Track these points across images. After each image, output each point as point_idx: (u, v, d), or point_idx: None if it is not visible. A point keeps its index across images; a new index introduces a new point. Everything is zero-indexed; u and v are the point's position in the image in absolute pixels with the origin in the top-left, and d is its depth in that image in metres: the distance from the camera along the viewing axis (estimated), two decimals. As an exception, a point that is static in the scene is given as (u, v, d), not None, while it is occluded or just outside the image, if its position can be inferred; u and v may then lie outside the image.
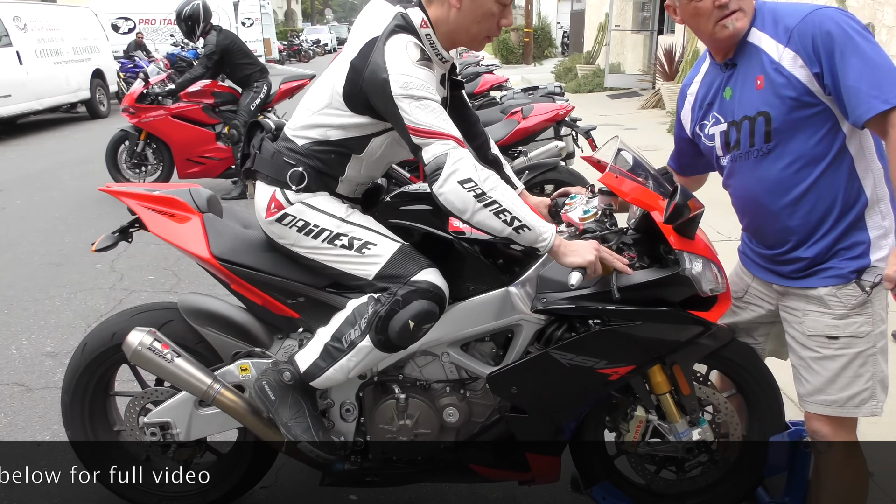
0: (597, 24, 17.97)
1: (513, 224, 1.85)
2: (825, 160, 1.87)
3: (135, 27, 22.13)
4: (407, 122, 1.84)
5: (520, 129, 5.19)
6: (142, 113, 6.86)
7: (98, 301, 4.50)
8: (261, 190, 2.09)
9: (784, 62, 1.83)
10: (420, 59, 1.87)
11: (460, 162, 1.83)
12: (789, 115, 1.85)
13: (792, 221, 1.94)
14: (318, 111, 2.03)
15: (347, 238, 2.01)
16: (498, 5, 1.95)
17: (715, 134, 2.04)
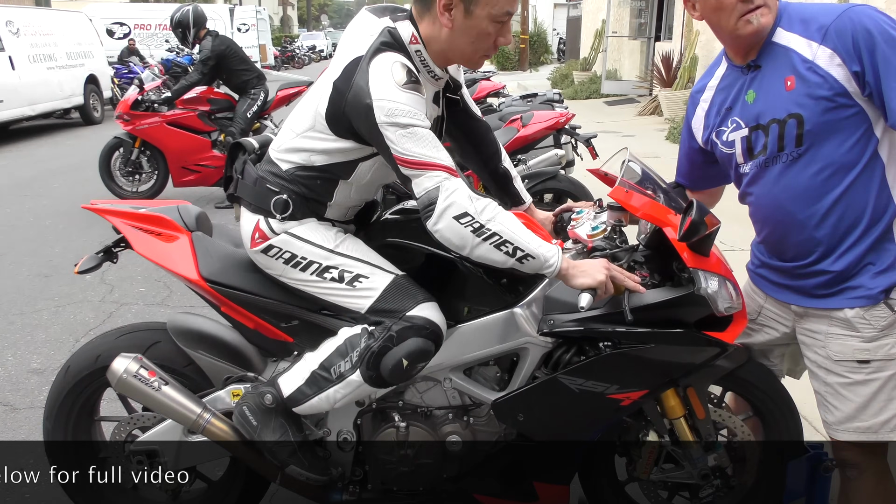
0: (593, 30, 17.94)
1: (515, 255, 1.75)
2: (857, 167, 1.77)
3: (129, 33, 22.05)
4: (394, 151, 1.72)
5: (519, 138, 5.10)
6: (136, 120, 6.74)
7: (87, 314, 4.39)
8: (245, 217, 1.98)
9: (819, 61, 1.73)
10: (406, 83, 1.72)
11: (454, 195, 1.72)
12: (823, 117, 1.75)
13: (819, 231, 1.83)
14: (300, 134, 1.90)
15: (337, 271, 1.90)
16: (494, 24, 1.79)
17: (735, 140, 1.93)
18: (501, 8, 1.77)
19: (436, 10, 1.78)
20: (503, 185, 2.28)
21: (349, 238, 1.98)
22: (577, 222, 2.07)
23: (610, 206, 1.96)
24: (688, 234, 1.72)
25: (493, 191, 2.30)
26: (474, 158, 2.26)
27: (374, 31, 1.81)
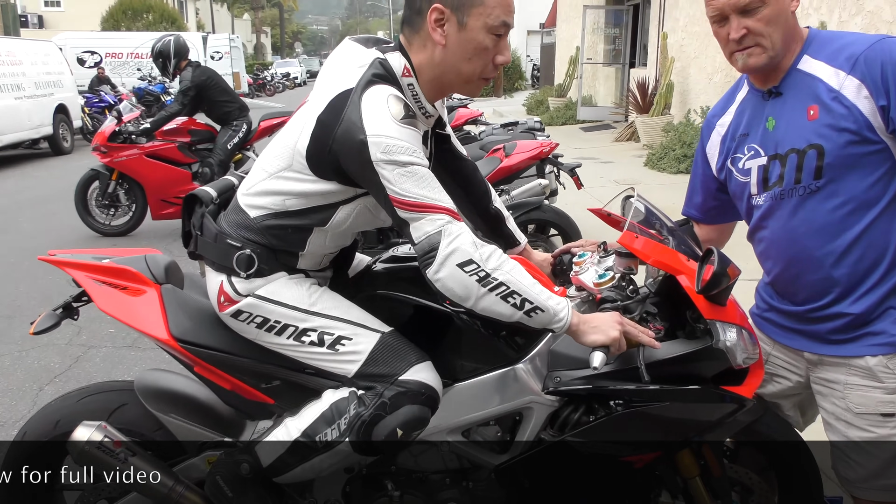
0: (567, 56, 18.03)
1: (524, 307, 1.58)
2: (879, 205, 1.66)
3: (101, 61, 21.77)
4: (391, 192, 1.56)
5: (503, 168, 4.99)
6: (114, 152, 6.53)
7: (52, 359, 4.15)
8: (209, 276, 1.81)
9: (846, 91, 1.62)
10: (404, 118, 1.56)
11: (457, 240, 1.55)
12: (845, 150, 1.63)
13: (837, 270, 1.71)
14: (274, 174, 1.72)
15: (316, 333, 1.72)
16: (491, 37, 1.63)
17: (752, 168, 1.80)
18: (497, 17, 1.62)
19: (426, 28, 1.63)
20: (496, 227, 2.14)
21: (326, 293, 1.80)
22: (579, 267, 1.92)
23: (618, 252, 1.82)
24: (709, 286, 1.58)
25: (485, 233, 2.15)
26: (463, 201, 2.10)
27: (363, 63, 1.65)
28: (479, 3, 1.61)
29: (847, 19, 7.06)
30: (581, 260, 1.95)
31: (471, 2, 1.60)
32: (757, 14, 1.62)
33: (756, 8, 1.62)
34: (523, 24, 32.95)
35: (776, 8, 1.63)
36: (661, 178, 8.89)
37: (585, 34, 15.29)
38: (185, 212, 1.90)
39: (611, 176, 9.01)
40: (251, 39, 58.18)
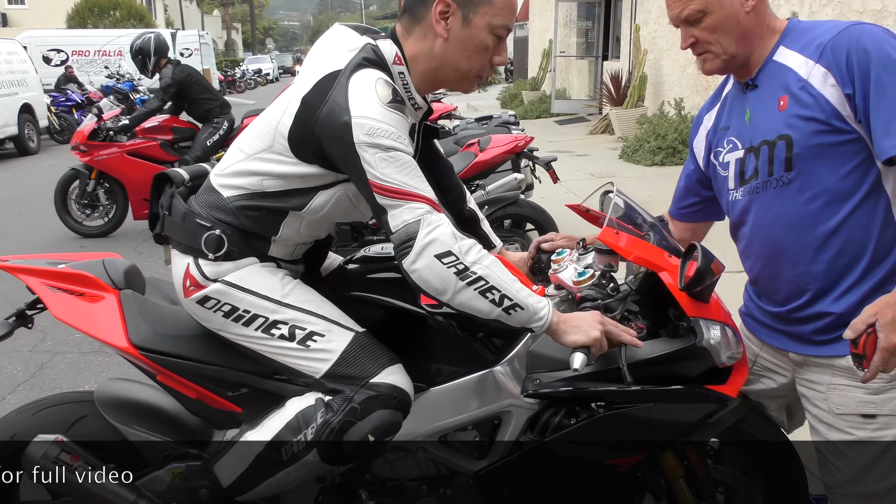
0: (540, 50, 18.01)
1: (502, 304, 1.52)
2: (855, 197, 1.60)
3: (67, 59, 21.37)
4: (371, 176, 1.49)
5: (478, 163, 4.91)
6: (94, 151, 6.35)
7: (16, 367, 4.01)
8: (175, 260, 1.71)
9: (813, 80, 1.57)
10: (391, 101, 1.51)
11: (437, 230, 1.49)
12: (813, 139, 1.58)
13: (814, 266, 1.66)
14: (253, 155, 1.65)
15: (287, 327, 1.64)
16: (492, 38, 1.61)
17: (730, 162, 1.76)
18: (502, 19, 1.61)
19: (430, 19, 1.59)
20: (470, 229, 2.06)
21: (299, 286, 1.72)
22: (558, 265, 1.86)
23: (597, 249, 1.75)
24: (692, 283, 1.53)
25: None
26: (440, 200, 2.04)
27: (353, 47, 1.60)
28: (487, 3, 1.59)
29: (818, 10, 7.08)
30: (560, 258, 1.89)
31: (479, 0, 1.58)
32: (701, 24, 1.63)
33: (698, 18, 1.63)
34: (496, 19, 32.92)
35: (720, 16, 1.62)
36: (636, 170, 8.88)
37: (558, 27, 15.28)
38: (154, 193, 1.81)
39: (586, 169, 8.98)
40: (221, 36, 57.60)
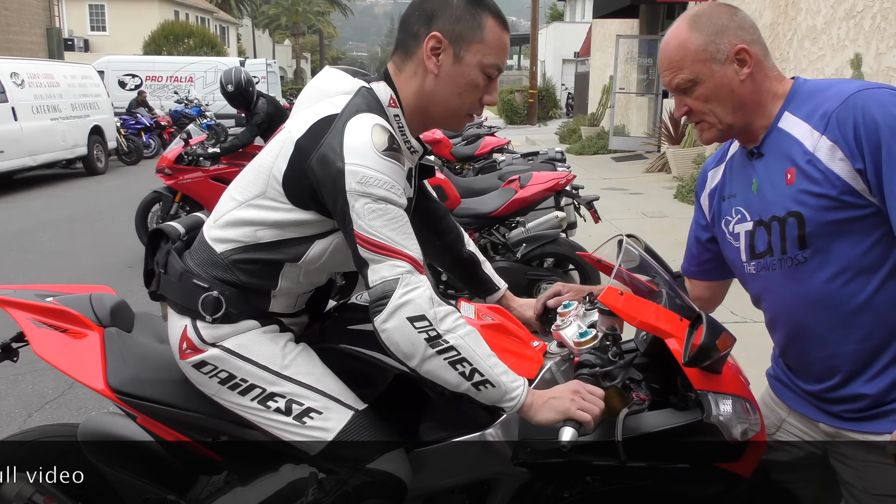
0: (601, 86, 17.89)
1: (472, 378, 1.44)
2: (881, 272, 1.45)
3: (141, 84, 22.23)
4: (357, 227, 1.43)
5: (517, 199, 4.81)
6: (179, 174, 6.52)
7: (47, 385, 4.05)
8: (172, 320, 1.65)
9: (820, 154, 1.43)
10: (387, 149, 1.46)
11: (413, 292, 1.42)
12: (826, 217, 1.44)
13: (843, 347, 1.51)
14: (247, 202, 1.59)
15: (284, 401, 1.56)
16: (483, 77, 1.57)
17: (740, 233, 1.63)
18: (493, 59, 1.57)
19: (421, 54, 1.55)
20: (471, 272, 1.98)
21: (302, 355, 1.64)
22: (563, 319, 1.73)
23: (601, 310, 1.63)
24: (696, 359, 1.39)
25: (460, 279, 2.00)
26: (435, 244, 1.95)
27: (348, 90, 1.56)
28: (480, 40, 1.55)
29: (885, 51, 6.78)
30: (566, 311, 1.76)
31: (471, 37, 1.54)
32: (693, 93, 1.55)
33: (689, 88, 1.54)
34: (559, 53, 33.00)
35: (711, 85, 1.52)
36: (689, 211, 8.55)
37: (618, 63, 15.13)
38: (150, 248, 1.77)
39: (639, 208, 8.78)
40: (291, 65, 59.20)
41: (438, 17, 1.54)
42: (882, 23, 6.85)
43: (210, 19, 44.37)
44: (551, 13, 46.13)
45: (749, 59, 1.52)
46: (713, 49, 1.51)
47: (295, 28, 58.16)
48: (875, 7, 6.96)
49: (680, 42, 1.54)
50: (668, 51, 1.56)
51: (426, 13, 1.56)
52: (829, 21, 7.67)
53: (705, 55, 1.51)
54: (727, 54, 1.51)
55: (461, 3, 1.55)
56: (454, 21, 1.54)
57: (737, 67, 1.52)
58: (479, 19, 1.55)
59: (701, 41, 1.52)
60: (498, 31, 1.57)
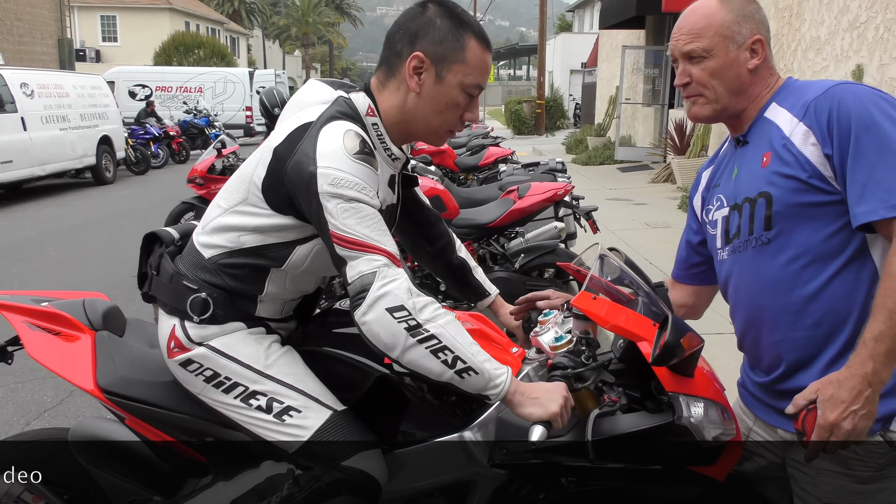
0: (608, 96, 17.93)
1: (455, 366, 1.45)
2: (837, 260, 1.48)
3: (151, 94, 22.46)
4: (332, 227, 1.47)
5: (515, 210, 4.84)
6: (211, 184, 6.56)
7: (46, 393, 4.10)
8: (162, 321, 1.70)
9: (794, 138, 1.49)
10: (358, 153, 1.50)
11: (391, 284, 1.45)
12: (793, 198, 1.49)
13: (793, 333, 1.54)
14: (230, 209, 1.64)
15: (265, 399, 1.61)
16: (464, 96, 1.62)
17: (718, 220, 1.69)
18: (473, 79, 1.62)
19: (404, 72, 1.60)
20: (462, 278, 2.02)
21: (285, 356, 1.68)
22: (542, 327, 1.76)
23: (576, 314, 1.66)
24: (661, 357, 1.42)
25: (452, 285, 2.03)
26: (426, 251, 1.99)
27: (326, 100, 1.61)
28: (461, 61, 1.59)
29: (888, 62, 6.80)
30: (546, 319, 1.80)
31: (453, 57, 1.58)
32: (701, 63, 1.59)
33: (701, 57, 1.58)
34: (566, 64, 33.09)
35: (723, 61, 1.58)
36: (693, 221, 8.63)
37: (625, 74, 15.18)
38: (144, 252, 1.82)
39: (643, 218, 8.79)
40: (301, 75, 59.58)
41: (422, 37, 1.58)
42: (885, 34, 6.87)
43: (221, 30, 44.77)
44: (560, 24, 46.30)
45: (761, 52, 1.59)
46: (736, 29, 1.57)
47: (305, 39, 58.56)
48: (878, 18, 6.99)
49: (708, 12, 1.59)
50: (693, 17, 1.60)
51: (410, 32, 1.60)
52: (833, 32, 7.70)
53: (728, 32, 1.57)
54: (746, 40, 1.58)
55: (445, 24, 1.58)
56: (437, 42, 1.58)
57: (748, 55, 1.58)
58: (461, 40, 1.59)
59: (729, 18, 1.57)
60: (480, 51, 1.61)
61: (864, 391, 1.36)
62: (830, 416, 1.37)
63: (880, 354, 1.36)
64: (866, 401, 1.37)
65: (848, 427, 1.37)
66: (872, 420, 1.40)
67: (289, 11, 59.20)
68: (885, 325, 1.35)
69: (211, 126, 19.56)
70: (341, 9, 67.25)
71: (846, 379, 1.38)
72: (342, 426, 1.60)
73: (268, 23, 58.22)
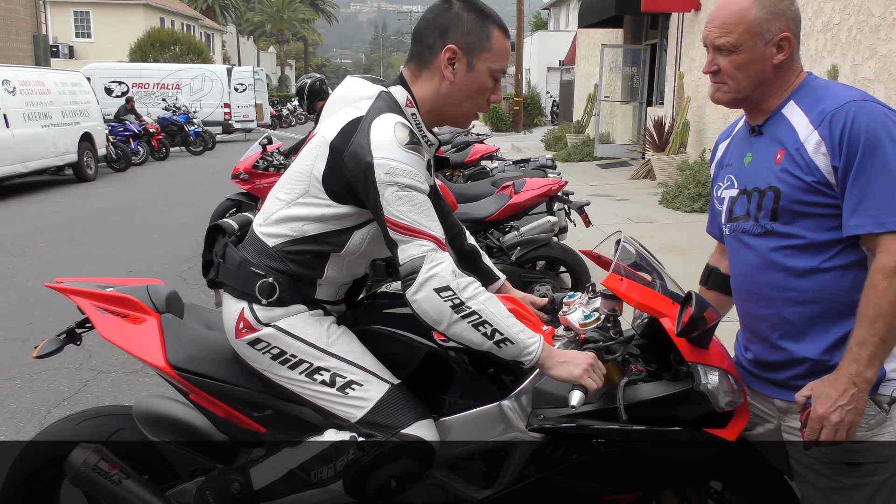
0: (586, 94, 18.19)
1: (493, 337, 1.65)
2: (832, 250, 1.67)
3: (128, 91, 22.30)
4: (387, 213, 1.65)
5: (511, 205, 5.04)
6: (255, 179, 6.68)
7: (62, 383, 4.22)
8: (228, 304, 1.85)
9: (808, 145, 1.65)
10: (409, 143, 1.68)
11: (438, 267, 1.64)
12: (799, 196, 1.67)
13: (786, 308, 1.72)
14: (292, 202, 1.81)
15: (329, 374, 1.78)
16: (491, 80, 1.81)
17: (725, 198, 1.87)
18: (500, 64, 1.81)
19: (437, 64, 1.77)
20: (473, 264, 2.21)
21: (344, 335, 1.86)
22: (568, 307, 1.96)
23: (603, 293, 1.85)
24: (686, 329, 1.61)
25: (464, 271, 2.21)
26: None
27: (369, 94, 1.80)
28: (489, 49, 1.78)
29: (860, 62, 7.10)
30: (570, 300, 1.99)
31: (481, 47, 1.77)
32: (729, 56, 1.70)
33: (729, 51, 1.70)
34: (544, 61, 33.34)
35: (750, 56, 1.69)
36: (675, 216, 8.91)
37: (604, 72, 15.45)
38: (207, 242, 1.98)
39: (625, 213, 9.04)
40: (276, 72, 59.25)
41: (452, 30, 1.76)
42: (858, 35, 7.16)
43: (195, 26, 44.42)
44: (535, 22, 46.58)
45: (787, 48, 1.70)
46: (766, 27, 1.67)
47: (279, 35, 58.29)
48: (851, 20, 7.28)
49: (740, 9, 1.68)
50: (726, 11, 1.70)
51: (440, 27, 1.77)
52: (808, 33, 7.99)
53: (757, 29, 1.67)
54: (774, 36, 1.68)
55: (471, 17, 1.77)
56: (466, 34, 1.76)
57: (774, 51, 1.69)
58: (487, 31, 1.78)
59: (760, 16, 1.67)
60: (502, 39, 1.81)
61: (850, 389, 1.57)
62: (820, 409, 1.58)
63: (863, 358, 1.57)
64: (852, 398, 1.57)
65: (836, 419, 1.57)
66: (860, 415, 1.60)
67: (263, 8, 58.86)
68: (866, 332, 1.56)
69: (190, 123, 19.53)
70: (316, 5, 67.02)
71: (835, 379, 1.59)
72: (399, 398, 1.77)
73: (242, 19, 57.84)
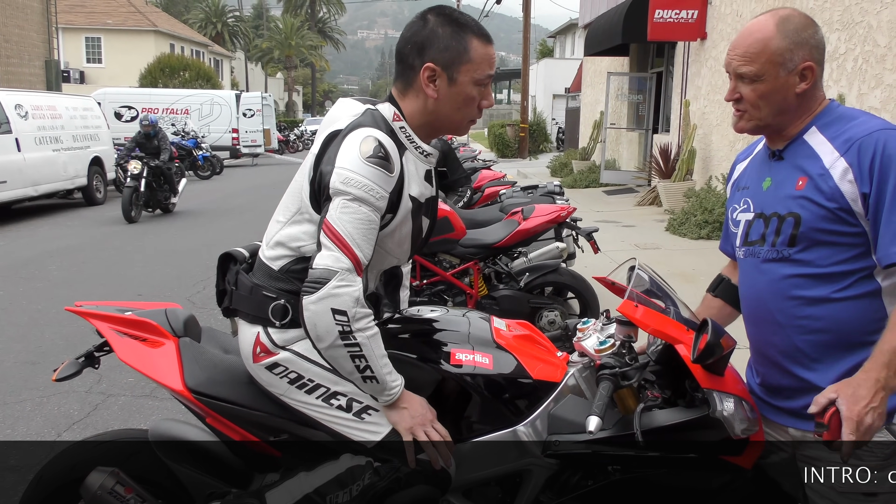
0: (592, 121, 18.31)
1: (364, 372, 1.69)
2: (847, 280, 1.68)
3: (137, 116, 22.49)
4: (328, 216, 1.67)
5: (520, 231, 5.06)
6: None
7: (72, 406, 4.23)
8: (244, 330, 1.87)
9: (834, 172, 1.65)
10: (372, 157, 1.67)
11: (345, 289, 1.64)
12: (820, 224, 1.67)
13: (799, 337, 1.72)
14: (288, 221, 1.84)
15: (346, 399, 1.78)
16: (477, 88, 1.80)
17: (741, 221, 1.87)
18: (483, 71, 1.79)
19: (419, 83, 1.78)
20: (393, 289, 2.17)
21: None
22: (583, 333, 1.97)
23: (618, 320, 1.87)
24: (703, 356, 1.63)
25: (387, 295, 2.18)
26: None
27: (355, 112, 1.83)
28: (468, 61, 1.77)
29: (867, 92, 7.15)
30: (585, 326, 2.00)
31: (460, 59, 1.77)
32: (752, 85, 1.71)
33: (751, 79, 1.70)
34: (549, 88, 33.61)
35: (772, 86, 1.69)
36: (681, 243, 8.92)
37: (609, 99, 15.56)
38: (220, 270, 1.99)
39: (632, 240, 9.05)
40: (283, 97, 59.81)
41: (429, 47, 1.77)
42: (863, 65, 7.22)
43: (205, 52, 44.97)
44: (541, 49, 47.02)
45: (810, 77, 1.70)
46: (788, 57, 1.67)
47: (287, 61, 58.85)
48: (857, 50, 7.34)
49: (763, 38, 1.68)
50: (748, 41, 1.70)
51: (417, 45, 1.79)
52: (812, 62, 8.03)
53: (780, 59, 1.67)
54: (797, 66, 1.68)
55: (446, 32, 1.77)
56: (443, 50, 1.76)
57: (797, 80, 1.69)
58: (464, 42, 1.77)
59: (783, 46, 1.67)
60: (482, 47, 1.78)
61: (879, 393, 1.55)
62: (855, 408, 1.52)
63: (895, 364, 1.55)
64: (882, 401, 1.55)
65: (869, 421, 1.53)
66: (884, 420, 1.58)
67: (271, 34, 59.52)
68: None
69: (198, 147, 19.70)
70: (323, 32, 67.79)
71: (864, 381, 1.56)
72: None
73: (250, 45, 58.50)
